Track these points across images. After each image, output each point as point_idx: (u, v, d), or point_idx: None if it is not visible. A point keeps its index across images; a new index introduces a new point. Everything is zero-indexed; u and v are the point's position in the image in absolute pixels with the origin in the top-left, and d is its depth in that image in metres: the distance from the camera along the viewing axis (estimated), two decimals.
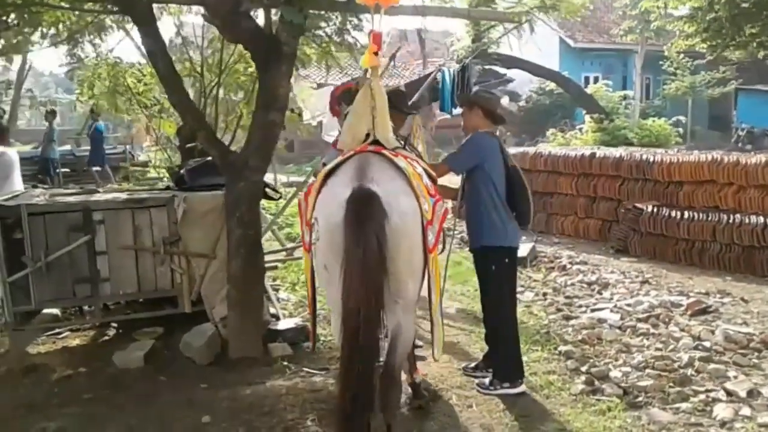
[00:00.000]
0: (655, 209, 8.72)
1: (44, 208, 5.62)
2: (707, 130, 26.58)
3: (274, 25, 5.45)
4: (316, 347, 5.73)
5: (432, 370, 5.37)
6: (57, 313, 6.44)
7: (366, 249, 3.24)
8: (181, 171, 6.42)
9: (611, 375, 5.07)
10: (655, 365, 5.15)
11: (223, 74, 7.73)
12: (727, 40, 16.30)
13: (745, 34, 15.86)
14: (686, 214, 8.40)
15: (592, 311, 6.59)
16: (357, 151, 3.84)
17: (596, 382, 4.96)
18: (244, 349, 5.61)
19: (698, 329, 5.80)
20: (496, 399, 4.82)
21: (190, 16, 8.21)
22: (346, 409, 3.22)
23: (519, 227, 5.02)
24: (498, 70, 27.01)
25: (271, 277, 7.73)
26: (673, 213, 8.52)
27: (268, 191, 6.24)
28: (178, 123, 7.78)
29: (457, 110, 6.55)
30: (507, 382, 4.88)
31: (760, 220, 7.82)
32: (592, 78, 27.33)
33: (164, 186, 6.71)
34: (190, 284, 5.90)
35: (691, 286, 7.33)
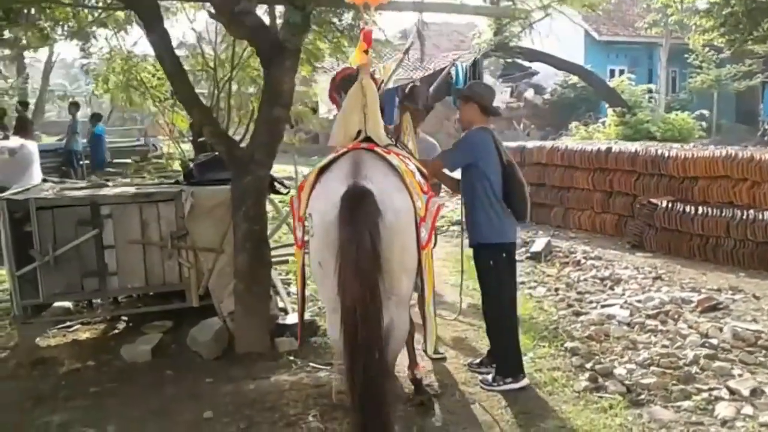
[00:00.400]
0: (670, 204, 8.62)
1: (52, 202, 5.69)
2: (734, 124, 26.17)
3: (278, 21, 5.48)
4: (323, 343, 5.78)
5: (438, 365, 5.38)
6: (69, 306, 6.52)
7: (360, 247, 3.25)
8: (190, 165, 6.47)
9: (615, 372, 5.03)
10: (660, 362, 5.09)
11: (236, 69, 7.77)
12: (744, 35, 16.03)
13: (763, 29, 15.60)
14: (701, 210, 8.30)
15: (602, 307, 6.54)
16: (350, 148, 3.84)
17: (600, 379, 4.92)
18: (251, 343, 5.64)
19: (706, 326, 5.73)
20: (499, 395, 4.81)
21: (204, 13, 8.26)
22: (358, 406, 3.24)
23: (516, 222, 5.00)
24: (522, 63, 27.04)
25: (283, 271, 7.78)
26: (688, 208, 8.42)
27: (276, 185, 6.29)
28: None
29: None
30: (510, 378, 4.89)
31: None
32: (618, 71, 27.00)
33: (174, 180, 6.74)
34: (198, 278, 5.95)
35: (703, 282, 7.25)
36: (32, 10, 6.51)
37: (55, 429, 4.51)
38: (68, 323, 6.49)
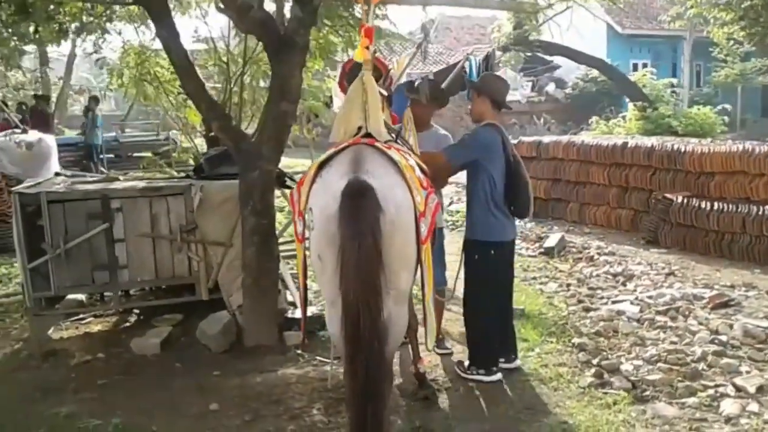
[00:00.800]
0: (685, 200, 8.53)
1: (64, 196, 5.75)
2: (760, 119, 25.86)
3: (286, 16, 5.49)
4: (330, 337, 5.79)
5: (446, 360, 5.38)
6: (81, 298, 6.60)
7: (361, 243, 3.25)
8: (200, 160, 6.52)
9: (622, 368, 5.00)
10: (668, 359, 5.05)
11: (248, 63, 7.79)
12: (765, 28, 15.78)
13: None
14: (716, 205, 8.20)
15: (613, 303, 6.49)
16: (350, 143, 3.85)
17: (605, 375, 4.90)
18: (259, 337, 5.68)
19: (717, 323, 5.67)
20: (504, 391, 4.82)
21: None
22: (356, 402, 3.26)
23: (518, 219, 5.00)
24: (544, 57, 26.87)
25: (295, 265, 7.80)
26: (703, 204, 8.32)
27: (286, 180, 6.31)
28: None
29: None
30: (482, 370, 4.92)
31: None
32: (641, 65, 26.74)
33: (184, 174, 6.80)
34: (207, 272, 5.99)
35: (717, 279, 7.17)
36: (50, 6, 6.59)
37: (63, 420, 4.56)
38: (81, 316, 6.59)
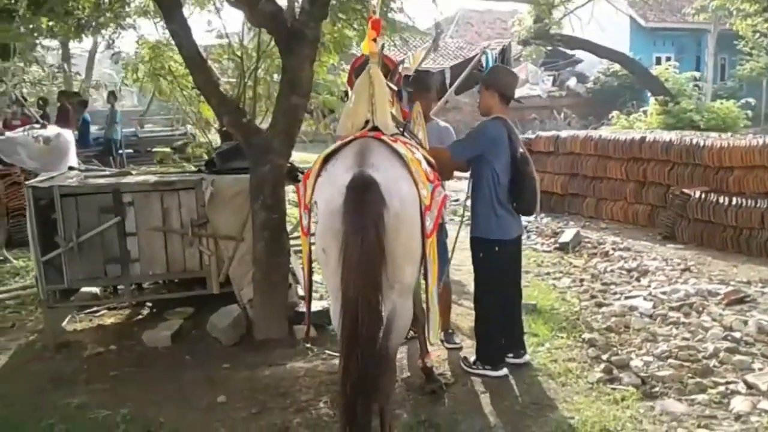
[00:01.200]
0: (703, 195, 8.42)
1: (76, 190, 5.80)
2: None
3: (296, 9, 5.49)
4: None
5: (454, 355, 5.37)
6: (96, 291, 6.66)
7: (364, 239, 3.24)
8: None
9: (632, 364, 4.95)
10: (679, 355, 5.00)
11: (262, 57, 7.80)
12: None
13: None
14: (734, 201, 8.08)
15: (626, 299, 6.44)
16: (356, 137, 3.84)
17: (615, 371, 4.86)
18: (269, 330, 5.70)
19: (731, 319, 5.61)
20: (511, 386, 4.80)
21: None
22: (347, 396, 3.25)
23: (522, 216, 4.98)
24: (566, 51, 26.68)
25: None
26: (721, 199, 8.20)
27: (298, 174, 6.31)
28: None
29: None
30: (489, 365, 4.91)
31: None
32: (664, 58, 26.43)
33: (196, 169, 6.83)
34: (218, 266, 6.02)
35: (733, 275, 7.07)
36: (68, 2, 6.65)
37: (74, 410, 4.62)
38: (95, 308, 6.66)
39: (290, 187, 6.22)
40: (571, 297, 6.68)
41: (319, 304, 6.14)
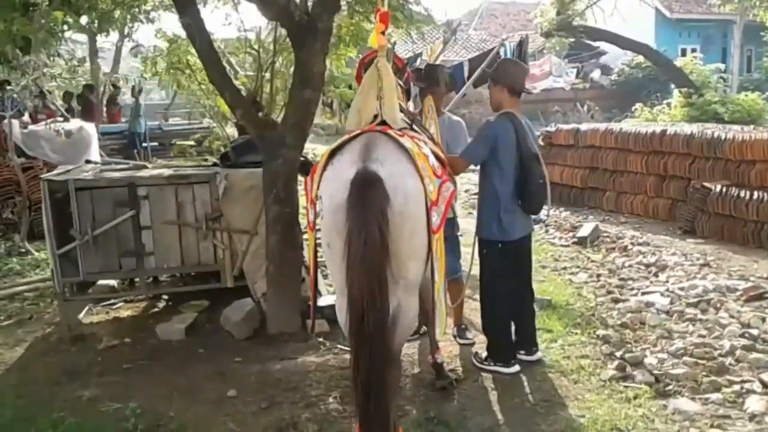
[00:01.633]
0: (724, 189, 8.28)
1: (91, 183, 5.85)
2: None
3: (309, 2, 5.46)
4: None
5: (466, 350, 5.34)
6: (113, 284, 6.72)
7: (368, 237, 3.22)
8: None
9: (646, 361, 4.88)
10: (694, 353, 4.92)
11: (279, 51, 7.79)
12: None
13: None
14: (756, 195, 7.92)
15: (643, 294, 6.34)
16: (363, 131, 3.81)
17: (628, 368, 4.79)
18: (282, 324, 5.70)
19: (749, 316, 5.51)
20: (523, 383, 4.76)
21: None
22: (359, 393, 3.25)
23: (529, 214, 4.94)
24: (590, 43, 26.42)
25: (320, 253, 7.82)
26: (742, 193, 8.05)
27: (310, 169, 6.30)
28: None
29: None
30: (500, 362, 4.88)
31: None
32: (689, 50, 26.09)
33: (211, 162, 6.85)
34: (232, 260, 6.04)
35: (753, 270, 6.95)
36: None
37: (85, 403, 4.66)
38: (112, 301, 6.71)
39: None
40: (587, 292, 6.61)
41: (331, 299, 6.14)
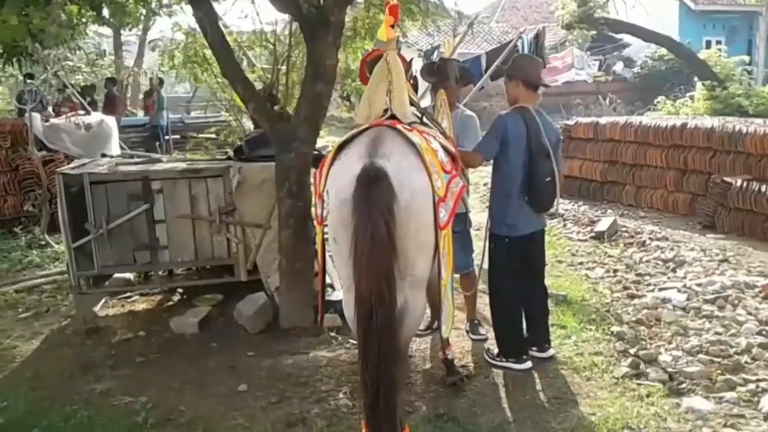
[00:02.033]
0: (745, 183, 8.14)
1: (106, 177, 5.88)
2: None
3: None
4: None
5: (479, 346, 5.30)
6: (129, 277, 6.76)
7: (374, 233, 3.21)
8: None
9: (660, 359, 4.82)
10: (709, 350, 4.84)
11: (294, 44, 7.77)
12: None
13: None
14: None
15: (659, 290, 6.26)
16: (371, 125, 3.79)
17: (642, 366, 4.73)
18: (294, 318, 5.70)
19: (766, 313, 5.42)
20: (534, 379, 4.71)
21: None
22: (368, 390, 3.23)
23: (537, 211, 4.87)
24: (613, 35, 26.15)
25: None
26: (763, 188, 7.90)
27: None
28: None
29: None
30: (512, 358, 4.84)
31: None
32: (714, 42, 25.72)
33: (226, 156, 6.86)
34: (245, 253, 6.05)
35: None
36: None
37: (97, 396, 4.69)
38: (128, 294, 6.75)
39: None
40: (603, 288, 6.54)
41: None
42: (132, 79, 20.55)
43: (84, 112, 11.38)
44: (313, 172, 4.21)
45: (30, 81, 10.47)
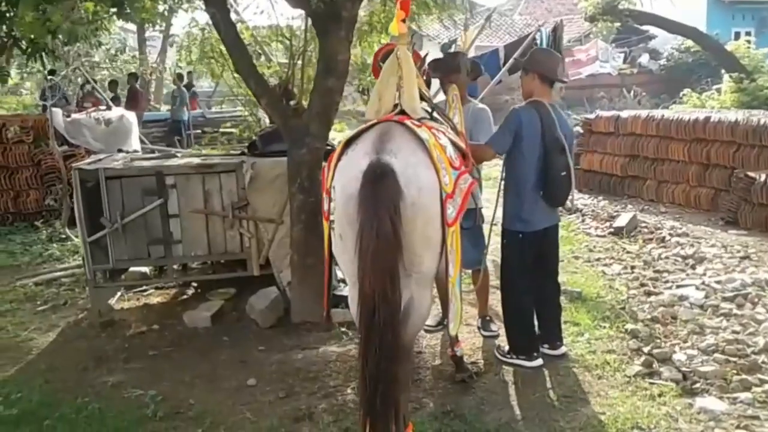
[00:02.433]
0: None
1: (120, 172, 5.92)
2: None
3: None
4: None
5: (490, 343, 5.26)
6: (145, 271, 6.81)
7: (379, 230, 3.17)
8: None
9: (674, 358, 4.74)
10: (726, 349, 4.75)
11: (310, 39, 7.74)
12: None
13: None
14: None
15: (677, 287, 6.17)
16: (380, 120, 3.75)
17: (655, 365, 4.66)
18: (305, 313, 5.68)
19: None
20: (545, 377, 4.66)
21: None
22: (366, 386, 3.21)
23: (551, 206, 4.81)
24: (638, 27, 25.82)
25: None
26: None
27: None
28: None
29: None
30: (523, 356, 4.79)
31: None
32: (743, 33, 25.34)
33: (239, 151, 6.87)
34: (258, 248, 6.06)
35: None
36: None
37: (109, 389, 4.73)
38: (143, 287, 6.80)
39: None
40: (620, 285, 6.45)
41: None
42: (155, 75, 20.60)
43: (105, 108, 11.47)
44: (322, 167, 4.19)
45: (51, 77, 10.55)
